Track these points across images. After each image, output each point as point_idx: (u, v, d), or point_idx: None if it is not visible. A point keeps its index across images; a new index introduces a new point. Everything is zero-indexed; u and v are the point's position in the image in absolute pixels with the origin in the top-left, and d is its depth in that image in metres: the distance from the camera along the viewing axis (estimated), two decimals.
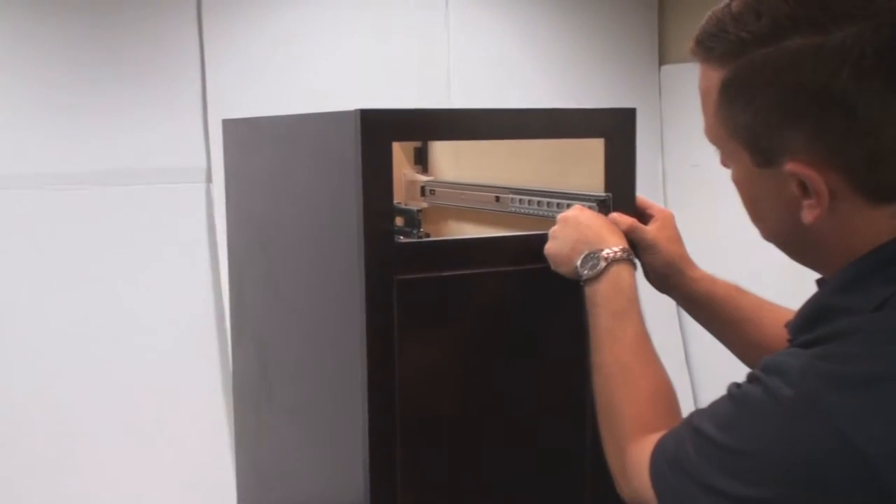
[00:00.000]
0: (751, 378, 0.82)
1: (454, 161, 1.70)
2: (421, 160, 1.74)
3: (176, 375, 2.79)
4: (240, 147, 1.55)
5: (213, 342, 2.82)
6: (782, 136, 0.77)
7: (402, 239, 1.18)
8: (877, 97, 0.74)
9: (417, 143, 1.74)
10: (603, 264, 1.09)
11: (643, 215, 1.23)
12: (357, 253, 1.14)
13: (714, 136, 0.86)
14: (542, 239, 1.22)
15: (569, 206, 1.33)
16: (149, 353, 2.76)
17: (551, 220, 1.22)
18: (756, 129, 0.78)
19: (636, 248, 1.18)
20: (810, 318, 0.82)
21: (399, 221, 1.51)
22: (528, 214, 1.43)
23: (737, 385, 0.84)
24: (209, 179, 2.81)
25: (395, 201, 1.17)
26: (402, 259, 1.15)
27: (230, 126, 1.58)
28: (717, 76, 0.81)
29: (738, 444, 0.79)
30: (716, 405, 0.84)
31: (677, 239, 1.21)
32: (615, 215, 1.19)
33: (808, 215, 0.79)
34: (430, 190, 1.70)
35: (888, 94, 0.74)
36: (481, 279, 1.18)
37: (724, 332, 1.17)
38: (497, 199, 1.50)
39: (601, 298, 1.07)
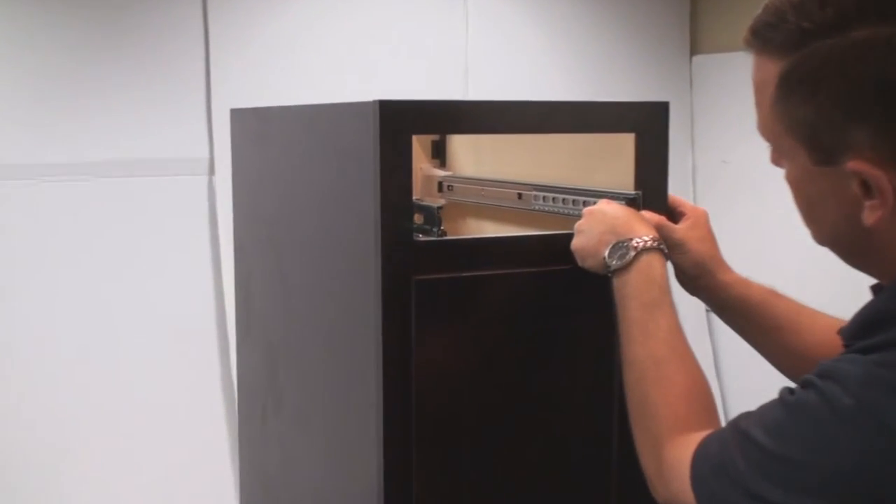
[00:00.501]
0: (805, 384, 0.81)
1: (474, 156, 1.70)
2: (439, 154, 1.74)
3: (174, 377, 2.79)
4: (249, 138, 1.55)
5: (213, 344, 2.82)
6: (846, 133, 0.76)
7: (420, 237, 1.18)
8: None
9: (435, 137, 1.74)
10: (632, 254, 1.08)
11: (674, 213, 1.23)
12: (374, 251, 1.14)
13: (768, 132, 0.85)
14: (568, 238, 1.22)
15: (595, 203, 1.33)
16: (144, 355, 2.77)
17: (577, 219, 1.23)
18: (817, 125, 0.77)
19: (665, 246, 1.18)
20: (868, 323, 0.82)
21: (418, 219, 1.51)
22: (552, 213, 1.43)
23: (789, 391, 0.83)
24: (212, 172, 2.81)
25: (413, 197, 1.17)
26: (420, 259, 1.15)
27: (238, 116, 1.59)
28: (774, 68, 0.80)
29: (789, 452, 0.78)
30: (765, 409, 0.83)
31: (709, 238, 1.21)
32: (643, 213, 1.19)
33: (869, 217, 0.78)
34: (449, 186, 1.70)
35: None
36: (504, 280, 1.19)
37: (759, 339, 1.17)
38: (519, 196, 1.50)
39: (631, 289, 1.06)
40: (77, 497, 2.68)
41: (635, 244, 1.09)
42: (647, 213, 1.19)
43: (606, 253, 1.11)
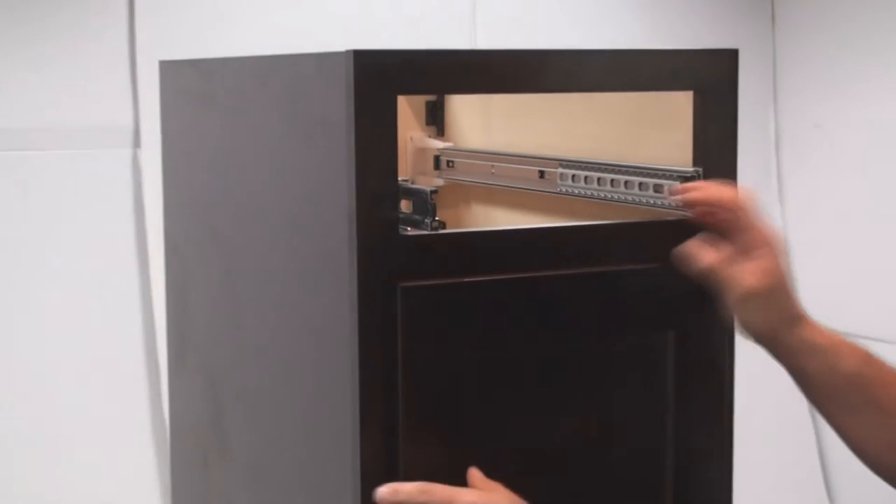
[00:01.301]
0: None
1: (481, 122, 1.70)
2: (435, 120, 1.75)
3: (90, 416, 2.79)
4: (184, 101, 1.56)
5: (140, 371, 2.83)
6: None
7: (409, 231, 1.19)
8: None
9: (430, 97, 1.74)
10: None
11: (740, 234, 1.21)
12: (347, 250, 1.15)
13: None
14: (605, 232, 1.22)
15: (641, 185, 1.33)
16: (51, 388, 2.77)
17: (616, 206, 1.23)
18: None
19: (722, 292, 1.19)
20: None
21: (405, 206, 1.51)
22: (584, 197, 1.43)
23: None
24: (137, 144, 2.82)
25: (400, 178, 1.18)
26: (409, 259, 1.15)
27: (170, 71, 1.59)
28: None
29: None
30: None
31: (785, 289, 1.21)
32: (692, 243, 1.20)
33: None
34: (448, 161, 1.71)
35: None
36: (520, 288, 1.19)
37: (847, 422, 1.20)
38: (541, 174, 1.51)
39: None
40: None
41: None
42: (704, 252, 1.20)
43: None
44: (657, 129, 1.33)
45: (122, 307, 2.82)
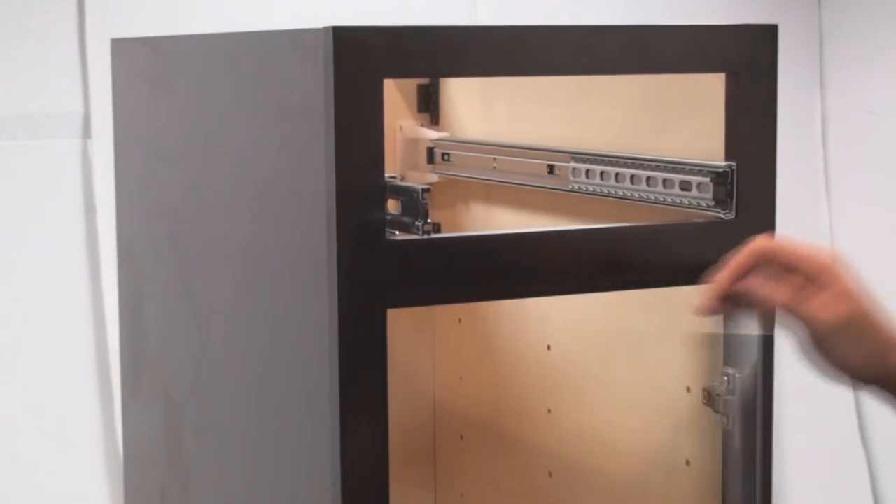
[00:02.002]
0: None
1: (481, 109, 1.70)
2: (428, 107, 1.75)
3: (32, 445, 2.79)
4: (139, 84, 1.56)
5: (91, 394, 2.82)
6: None
7: (397, 235, 1.18)
8: None
9: (423, 80, 1.74)
10: None
11: (791, 274, 1.19)
12: (326, 258, 1.14)
13: None
14: (625, 236, 1.22)
15: (665, 181, 1.33)
16: None
17: (636, 206, 1.22)
18: None
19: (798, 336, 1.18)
20: None
21: (393, 206, 1.51)
22: (599, 195, 1.43)
23: None
24: (87, 134, 2.82)
25: (387, 174, 1.17)
26: (397, 271, 1.15)
27: (123, 50, 1.60)
28: None
29: None
30: None
31: (868, 312, 1.19)
32: (734, 263, 1.19)
33: None
34: (444, 154, 1.71)
35: None
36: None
37: None
38: (551, 169, 1.51)
39: None
40: None
41: None
42: (765, 291, 1.18)
43: None
44: (684, 118, 1.32)
45: (69, 321, 2.82)
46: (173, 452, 1.51)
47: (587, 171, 1.44)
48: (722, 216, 1.25)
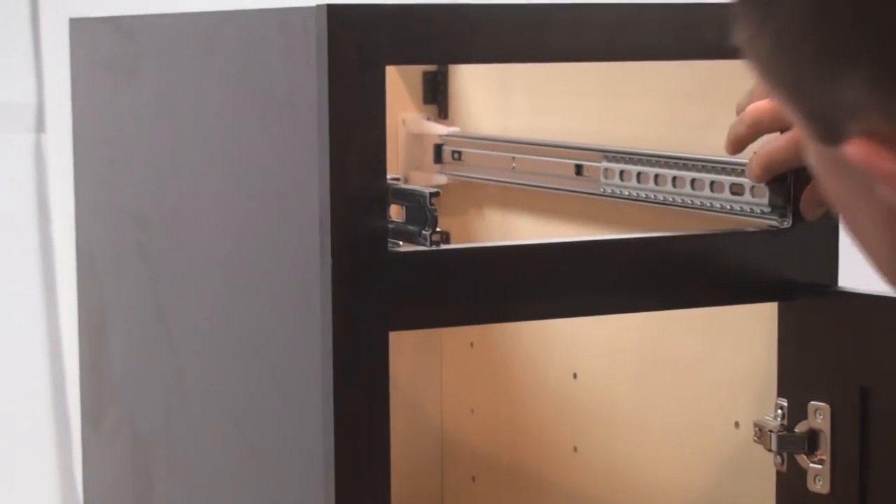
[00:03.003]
0: None
1: (497, 100, 1.71)
2: (436, 98, 1.75)
3: None
4: (101, 70, 1.56)
5: (47, 429, 2.83)
6: (832, 85, 0.77)
7: (401, 247, 1.18)
8: None
9: (430, 67, 1.74)
10: None
11: None
12: (318, 276, 1.14)
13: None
14: (669, 247, 1.21)
15: (713, 184, 1.32)
16: None
17: (684, 213, 1.21)
18: (791, 70, 0.79)
19: None
20: None
21: (396, 213, 1.51)
22: (636, 200, 1.43)
23: None
24: (41, 128, 2.82)
25: (389, 175, 1.17)
26: (401, 288, 1.15)
27: (83, 31, 1.60)
28: None
29: None
30: None
31: None
32: None
33: None
34: (454, 152, 1.71)
35: None
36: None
37: None
38: (578, 170, 1.50)
39: None
40: None
41: None
42: None
43: None
44: (733, 111, 1.32)
45: (19, 343, 2.82)
46: (141, 496, 1.51)
47: (622, 172, 1.44)
48: (777, 224, 1.25)
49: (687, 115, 1.41)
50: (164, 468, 1.46)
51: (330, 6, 1.12)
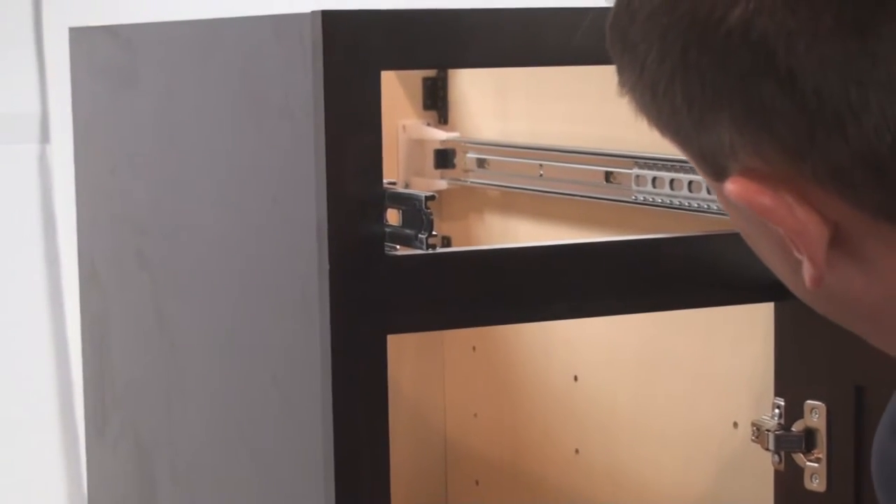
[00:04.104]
0: None
1: (497, 105, 1.71)
2: (435, 103, 1.75)
3: None
4: (101, 79, 1.56)
5: (54, 436, 2.82)
6: (706, 129, 0.81)
7: (398, 250, 1.18)
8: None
9: (429, 72, 1.74)
10: None
11: None
12: (315, 280, 1.15)
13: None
14: (676, 248, 1.22)
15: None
16: None
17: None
18: (671, 118, 0.83)
19: None
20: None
21: (393, 217, 1.51)
22: (650, 205, 1.41)
23: None
24: (45, 138, 2.82)
25: (386, 180, 1.17)
26: (398, 291, 1.15)
27: (83, 40, 1.60)
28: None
29: None
30: None
31: None
32: None
33: (806, 275, 0.81)
34: (454, 158, 1.71)
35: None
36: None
37: None
38: (608, 177, 1.48)
39: None
40: None
41: None
42: None
43: None
44: None
45: (27, 352, 2.82)
46: (146, 502, 1.50)
47: (654, 179, 1.43)
48: None
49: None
50: (167, 474, 1.46)
51: (325, 13, 1.12)
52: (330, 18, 1.12)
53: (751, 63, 0.77)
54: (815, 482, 1.23)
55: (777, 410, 1.26)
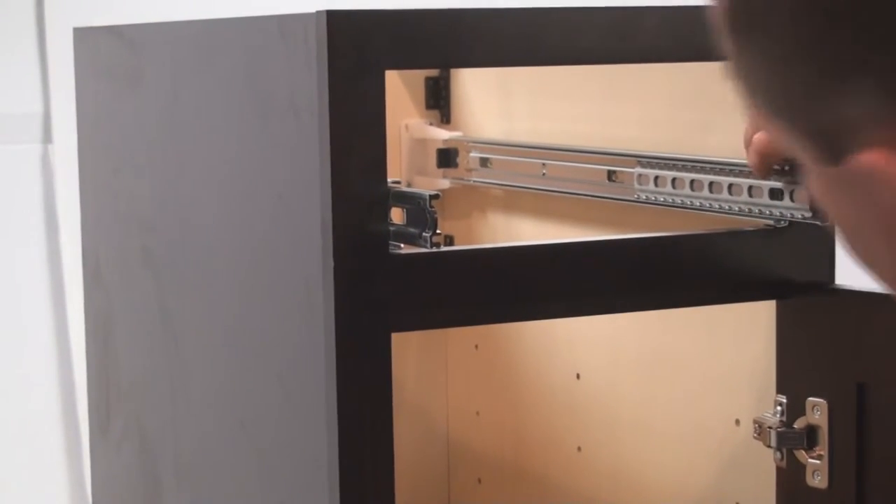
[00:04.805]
0: None
1: (500, 104, 1.71)
2: (438, 103, 1.75)
3: None
4: (105, 79, 1.56)
5: (57, 435, 2.82)
6: (832, 102, 0.76)
7: (402, 249, 1.19)
8: None
9: (432, 72, 1.75)
10: None
11: None
12: (320, 278, 1.15)
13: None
14: (678, 246, 1.22)
15: (752, 189, 1.28)
16: None
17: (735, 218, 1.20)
18: (784, 94, 0.78)
19: None
20: None
21: (397, 216, 1.51)
22: (659, 205, 1.40)
23: None
24: (48, 138, 2.82)
25: (390, 179, 1.18)
26: (402, 289, 1.16)
27: (87, 40, 1.60)
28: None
29: None
30: None
31: None
32: None
33: None
34: (457, 157, 1.71)
35: None
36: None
37: None
38: (611, 176, 1.47)
39: None
40: None
41: None
42: None
43: None
44: (724, 113, 1.32)
45: (30, 351, 2.82)
46: (150, 501, 1.50)
47: (656, 178, 1.41)
48: (774, 224, 1.24)
49: (688, 117, 1.42)
50: (171, 473, 1.46)
51: (329, 12, 1.12)
52: (335, 18, 1.13)
53: None
54: (817, 479, 1.23)
55: (779, 407, 1.27)
